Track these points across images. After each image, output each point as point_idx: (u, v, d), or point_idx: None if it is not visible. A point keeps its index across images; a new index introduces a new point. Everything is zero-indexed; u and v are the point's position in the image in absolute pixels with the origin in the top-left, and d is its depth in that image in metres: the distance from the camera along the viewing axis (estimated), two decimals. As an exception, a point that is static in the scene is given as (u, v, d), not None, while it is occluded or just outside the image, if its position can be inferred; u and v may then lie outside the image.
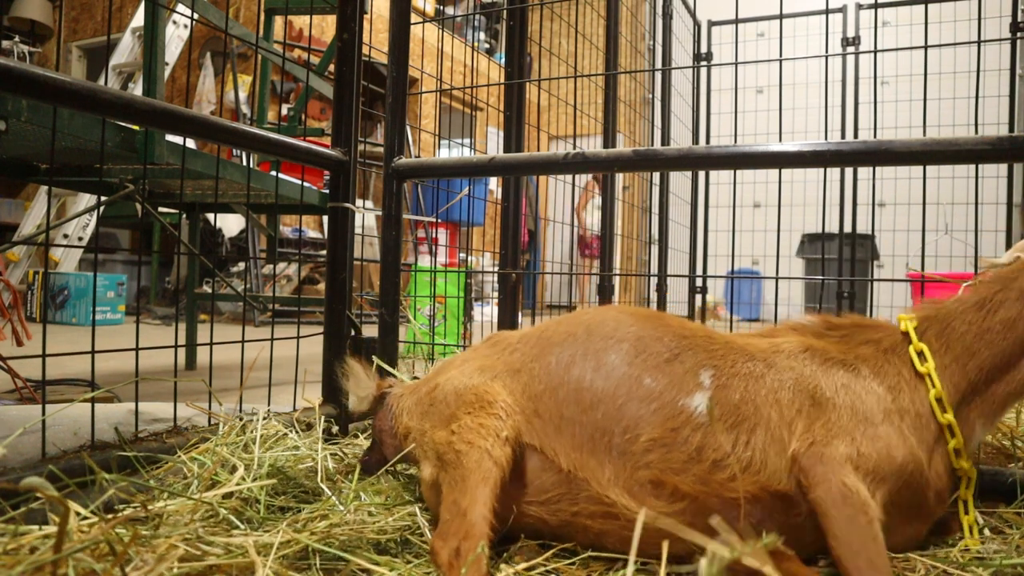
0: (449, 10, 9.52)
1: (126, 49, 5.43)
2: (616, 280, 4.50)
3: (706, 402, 1.01)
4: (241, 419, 1.46)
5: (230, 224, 6.62)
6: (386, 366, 1.75)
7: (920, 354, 1.10)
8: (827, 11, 2.01)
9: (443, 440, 1.03)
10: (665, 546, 0.76)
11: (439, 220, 5.83)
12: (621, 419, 1.01)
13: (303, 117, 4.49)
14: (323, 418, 1.55)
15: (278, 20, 5.20)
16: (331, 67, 3.77)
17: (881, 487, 0.97)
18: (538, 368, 1.09)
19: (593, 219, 8.15)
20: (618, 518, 0.99)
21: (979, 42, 1.68)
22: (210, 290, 5.44)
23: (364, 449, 1.38)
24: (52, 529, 0.84)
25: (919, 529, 1.07)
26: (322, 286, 6.25)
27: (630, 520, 0.98)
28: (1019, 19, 3.60)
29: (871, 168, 2.91)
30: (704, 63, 4.93)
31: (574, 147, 1.69)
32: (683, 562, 0.99)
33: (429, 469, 1.07)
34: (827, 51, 2.12)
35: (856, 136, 4.42)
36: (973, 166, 1.66)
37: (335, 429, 1.70)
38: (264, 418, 1.49)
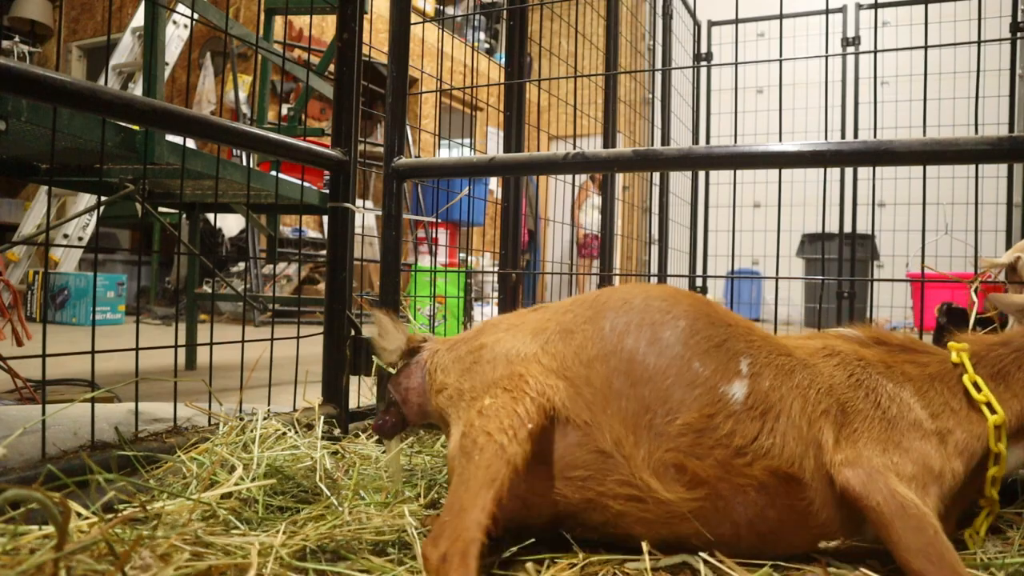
0: (449, 10, 9.52)
1: (126, 49, 5.43)
2: (616, 280, 4.50)
3: (742, 390, 1.01)
4: (241, 419, 1.46)
5: (230, 224, 6.62)
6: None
7: (975, 384, 1.10)
8: (827, 11, 2.01)
9: (468, 423, 1.00)
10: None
11: (439, 220, 5.83)
12: (667, 400, 0.99)
13: (303, 117, 4.49)
14: (323, 418, 1.55)
15: (278, 20, 5.20)
16: (331, 67, 3.77)
17: (928, 495, 0.97)
18: (591, 331, 1.06)
19: (591, 219, 8.15)
20: (644, 501, 0.98)
21: (979, 42, 1.68)
22: (210, 290, 5.44)
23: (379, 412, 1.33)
24: (52, 529, 0.84)
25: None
26: (322, 286, 6.25)
27: (655, 503, 0.97)
28: (1019, 19, 3.60)
29: (871, 168, 2.91)
30: (704, 63, 4.93)
31: (574, 147, 1.69)
32: (696, 551, 0.99)
33: (458, 436, 1.03)
34: (827, 51, 2.12)
35: (856, 136, 4.42)
36: (973, 166, 1.66)
37: (336, 431, 1.70)
38: (264, 418, 1.49)
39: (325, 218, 2.78)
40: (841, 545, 1.00)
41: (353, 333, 1.81)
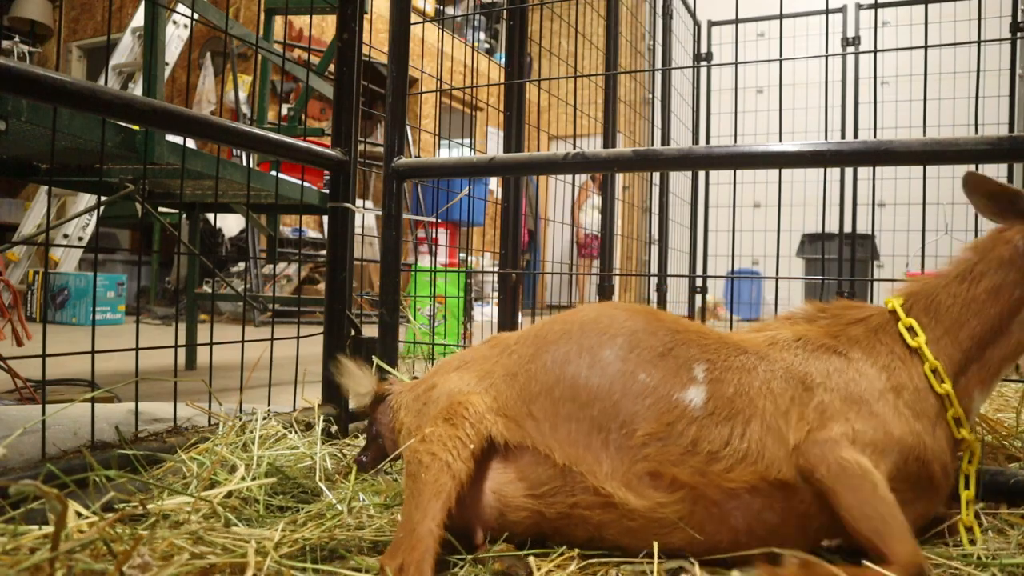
0: (449, 10, 9.52)
1: (126, 49, 5.43)
2: (616, 280, 4.50)
3: (700, 396, 1.01)
4: (240, 419, 1.46)
5: (230, 224, 6.62)
6: (385, 366, 1.75)
7: (910, 329, 1.12)
8: (827, 11, 2.01)
9: (412, 450, 1.04)
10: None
11: (439, 220, 5.83)
12: (618, 415, 1.01)
13: (303, 117, 4.49)
14: (322, 418, 1.55)
15: (278, 20, 5.20)
16: (331, 67, 3.77)
17: (884, 460, 0.98)
18: (534, 368, 1.09)
19: (591, 219, 8.14)
20: (617, 507, 0.99)
21: (979, 42, 1.68)
22: (210, 290, 5.44)
23: (361, 448, 1.38)
24: (51, 529, 0.84)
25: (929, 506, 1.07)
26: (322, 286, 6.25)
27: (629, 510, 0.98)
28: (1019, 19, 3.60)
29: (871, 168, 2.91)
30: (704, 63, 4.93)
31: (574, 147, 1.69)
32: (680, 555, 0.99)
33: (406, 464, 1.08)
34: (827, 51, 2.12)
35: (856, 136, 4.42)
36: (973, 166, 1.66)
37: (334, 429, 1.70)
38: (264, 418, 1.49)
39: (325, 218, 2.78)
40: (844, 543, 1.00)
41: (353, 333, 1.81)
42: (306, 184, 3.10)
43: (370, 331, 1.84)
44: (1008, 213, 1.15)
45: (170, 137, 2.16)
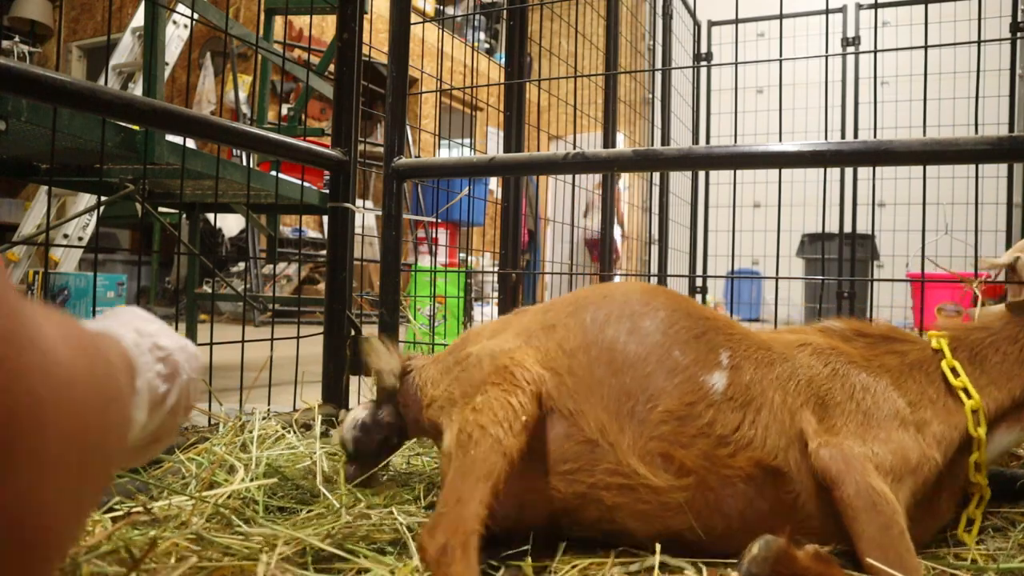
0: (449, 10, 9.52)
1: (126, 49, 5.43)
2: (616, 280, 4.50)
3: (722, 380, 1.02)
4: (240, 419, 1.46)
5: (230, 224, 6.62)
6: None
7: (952, 369, 1.11)
8: (827, 11, 2.01)
9: (463, 419, 1.00)
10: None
11: (439, 220, 5.83)
12: (647, 387, 1.01)
13: (303, 117, 4.49)
14: (321, 418, 1.55)
15: (278, 20, 5.19)
16: (331, 67, 3.77)
17: (902, 488, 0.98)
18: (573, 323, 1.08)
19: (596, 222, 8.13)
20: (635, 490, 0.99)
21: (979, 42, 1.68)
22: (210, 290, 5.44)
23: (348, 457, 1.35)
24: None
25: (925, 532, 1.07)
26: (322, 286, 6.25)
27: (647, 490, 0.98)
28: (1019, 19, 3.60)
29: (871, 168, 2.91)
30: (704, 63, 4.93)
31: (574, 147, 1.69)
32: (684, 539, 0.99)
33: (455, 432, 1.02)
34: (827, 51, 2.12)
35: (856, 136, 4.42)
36: (973, 166, 1.66)
37: (334, 430, 1.70)
38: (263, 418, 1.49)
39: (325, 218, 2.79)
40: (833, 549, 1.00)
41: (353, 333, 1.81)
42: (306, 184, 3.10)
43: (370, 331, 1.84)
44: None
45: (170, 137, 2.16)
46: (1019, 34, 3.66)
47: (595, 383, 1.03)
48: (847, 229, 4.30)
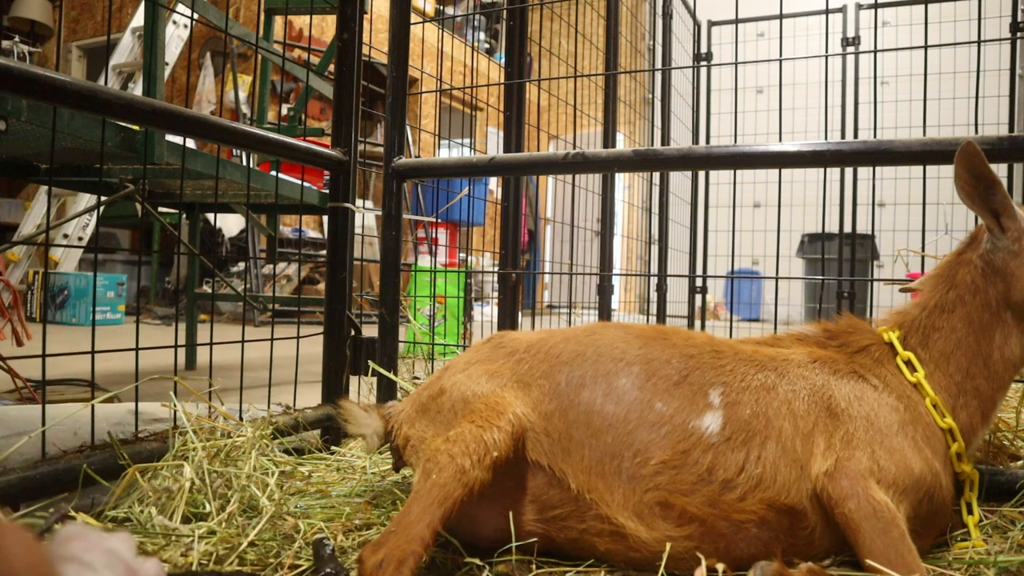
0: (449, 10, 9.52)
1: (126, 49, 5.43)
2: (616, 279, 4.50)
3: (717, 422, 1.00)
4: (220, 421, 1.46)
5: (230, 224, 6.61)
6: (381, 369, 1.75)
7: (908, 363, 1.10)
8: (827, 11, 2.01)
9: (434, 448, 1.01)
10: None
11: (439, 220, 5.83)
12: (632, 444, 1.00)
13: (303, 117, 4.49)
14: (322, 418, 1.55)
15: (278, 20, 5.19)
16: (331, 67, 3.77)
17: (904, 501, 0.97)
18: (548, 386, 1.07)
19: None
20: (626, 539, 0.98)
21: (979, 42, 1.68)
22: (210, 290, 5.44)
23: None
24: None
25: (927, 542, 1.07)
26: (322, 286, 6.25)
27: (638, 541, 0.98)
28: (1019, 19, 3.60)
29: (871, 168, 2.91)
30: (704, 63, 4.93)
31: (574, 146, 1.69)
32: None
33: (424, 461, 1.03)
34: (827, 51, 2.12)
35: (856, 136, 4.42)
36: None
37: (327, 438, 1.69)
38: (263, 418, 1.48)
39: (325, 218, 2.78)
40: (834, 562, 1.00)
41: (353, 333, 1.81)
42: (306, 184, 3.10)
43: (370, 331, 1.84)
44: (977, 199, 1.12)
45: (170, 137, 2.15)
46: (1019, 34, 3.66)
47: (574, 446, 1.02)
48: (847, 229, 4.29)
